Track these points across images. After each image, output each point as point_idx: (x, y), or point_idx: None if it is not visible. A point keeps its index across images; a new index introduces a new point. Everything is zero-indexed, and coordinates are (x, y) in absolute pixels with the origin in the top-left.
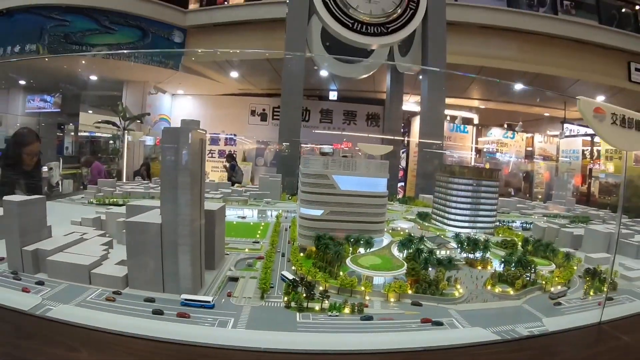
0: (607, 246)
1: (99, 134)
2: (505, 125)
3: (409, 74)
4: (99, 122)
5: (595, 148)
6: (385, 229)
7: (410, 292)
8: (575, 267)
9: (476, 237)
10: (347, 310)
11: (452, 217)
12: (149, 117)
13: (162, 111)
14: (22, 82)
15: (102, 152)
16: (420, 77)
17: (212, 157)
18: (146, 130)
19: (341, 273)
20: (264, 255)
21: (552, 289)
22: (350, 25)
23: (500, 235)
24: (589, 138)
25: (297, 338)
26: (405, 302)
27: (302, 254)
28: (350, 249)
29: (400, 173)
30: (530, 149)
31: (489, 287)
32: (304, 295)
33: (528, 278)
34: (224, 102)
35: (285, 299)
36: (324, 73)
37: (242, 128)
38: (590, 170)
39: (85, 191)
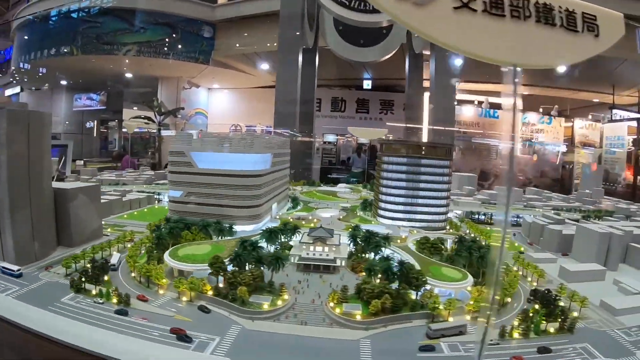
0: (605, 252)
1: (140, 129)
2: (541, 110)
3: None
4: (136, 118)
5: None
6: (281, 216)
7: (210, 293)
8: (515, 285)
9: (389, 232)
10: (115, 299)
11: (383, 205)
12: (184, 112)
13: (198, 105)
14: (64, 82)
15: (137, 147)
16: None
17: None
18: (181, 125)
19: (168, 258)
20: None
21: (451, 319)
22: (347, 4)
23: (460, 230)
24: (635, 124)
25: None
26: (198, 304)
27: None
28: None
29: None
30: (566, 137)
31: (330, 304)
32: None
33: (416, 295)
34: (258, 95)
35: (84, 278)
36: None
37: (271, 119)
38: (638, 158)
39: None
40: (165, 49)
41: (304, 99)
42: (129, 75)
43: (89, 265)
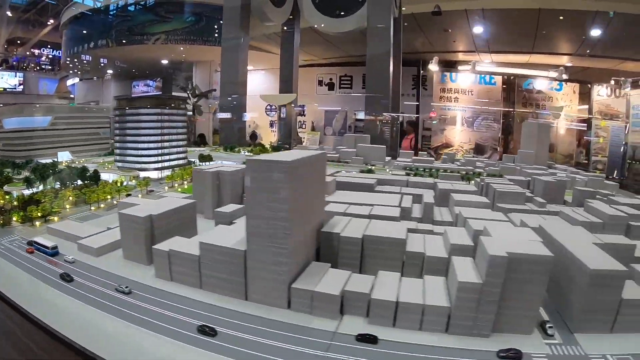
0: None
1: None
2: (552, 74)
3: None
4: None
5: None
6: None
7: None
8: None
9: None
10: None
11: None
12: (215, 93)
13: None
14: (110, 71)
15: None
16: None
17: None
18: (214, 106)
19: None
20: None
21: None
22: None
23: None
24: None
25: None
26: None
27: None
28: None
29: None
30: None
31: None
32: None
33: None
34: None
35: None
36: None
37: (310, 98)
38: None
39: None
40: (191, 35)
41: (284, 78)
42: (164, 61)
43: None
